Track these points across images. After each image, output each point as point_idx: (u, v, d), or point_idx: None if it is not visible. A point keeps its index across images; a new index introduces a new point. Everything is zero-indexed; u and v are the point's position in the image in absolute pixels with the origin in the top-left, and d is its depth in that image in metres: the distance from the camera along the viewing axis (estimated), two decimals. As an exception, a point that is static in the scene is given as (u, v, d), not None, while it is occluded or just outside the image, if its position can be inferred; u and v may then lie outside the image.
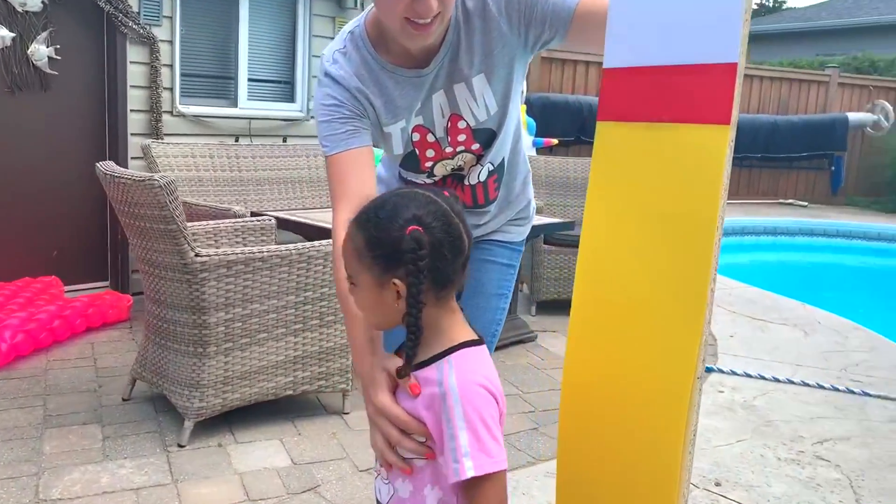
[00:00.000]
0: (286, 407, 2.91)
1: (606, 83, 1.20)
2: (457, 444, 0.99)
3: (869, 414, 3.20)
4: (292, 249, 2.68)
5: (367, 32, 1.42)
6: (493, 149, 1.54)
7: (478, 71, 1.43)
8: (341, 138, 1.38)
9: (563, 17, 1.36)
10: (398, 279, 1.02)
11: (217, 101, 4.72)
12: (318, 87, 1.43)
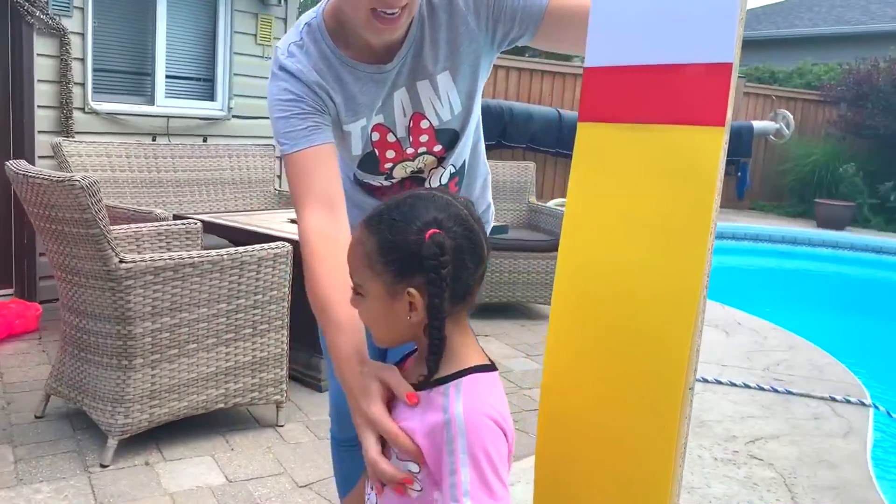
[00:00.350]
0: (216, 421, 2.76)
1: (588, 83, 1.15)
2: (457, 479, 0.89)
3: (794, 412, 3.30)
4: (224, 255, 2.54)
5: (325, 24, 1.33)
6: (455, 151, 1.48)
7: (443, 68, 1.36)
8: (302, 135, 1.28)
9: (534, 14, 1.31)
10: (413, 288, 0.93)
11: (133, 98, 4.48)
12: (272, 81, 1.32)
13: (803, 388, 3.58)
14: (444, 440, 0.91)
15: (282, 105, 1.29)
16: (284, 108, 1.29)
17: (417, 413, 0.95)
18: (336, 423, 1.66)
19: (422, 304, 0.94)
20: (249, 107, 4.96)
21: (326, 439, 2.70)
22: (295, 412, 2.92)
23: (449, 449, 0.90)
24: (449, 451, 0.90)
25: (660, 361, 1.06)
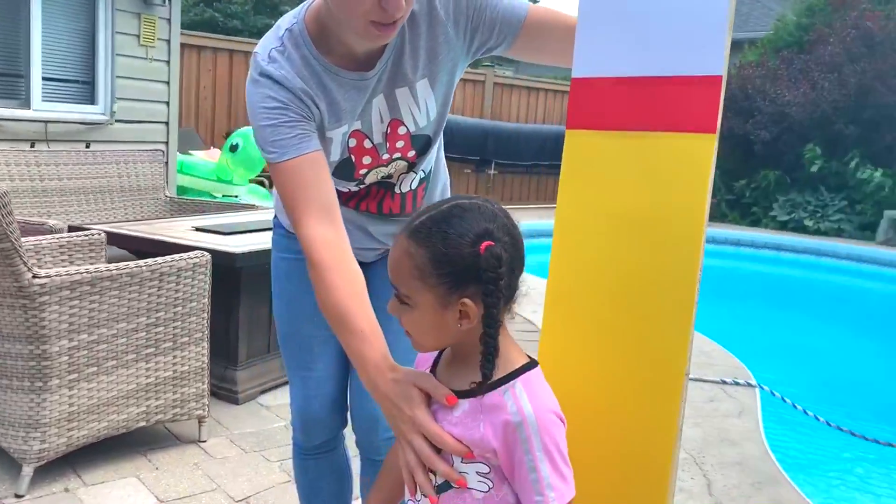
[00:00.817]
0: (135, 440, 2.63)
1: (576, 92, 1.21)
2: (539, 475, 0.94)
3: (692, 396, 3.54)
4: (143, 266, 2.43)
5: (308, 30, 1.32)
6: (427, 156, 1.51)
7: (422, 76, 1.38)
8: (292, 143, 1.26)
9: (513, 25, 1.36)
10: (468, 298, 0.95)
11: (6, 102, 4.17)
12: (254, 87, 1.30)
13: (696, 373, 3.84)
14: (517, 440, 0.94)
15: (267, 113, 1.27)
16: (270, 115, 1.27)
17: (477, 415, 0.98)
18: (302, 432, 1.64)
19: (475, 313, 0.96)
20: (134, 110, 4.74)
21: (253, 452, 2.65)
22: (215, 427, 2.83)
23: (525, 448, 0.94)
24: (525, 451, 0.94)
25: (659, 355, 1.13)
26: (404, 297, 1.00)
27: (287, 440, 2.75)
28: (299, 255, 1.59)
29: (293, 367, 1.63)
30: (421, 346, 1.05)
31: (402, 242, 0.99)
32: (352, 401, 1.61)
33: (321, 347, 1.60)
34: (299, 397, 1.62)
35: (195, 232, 3.30)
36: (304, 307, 1.60)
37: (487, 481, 0.99)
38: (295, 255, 1.61)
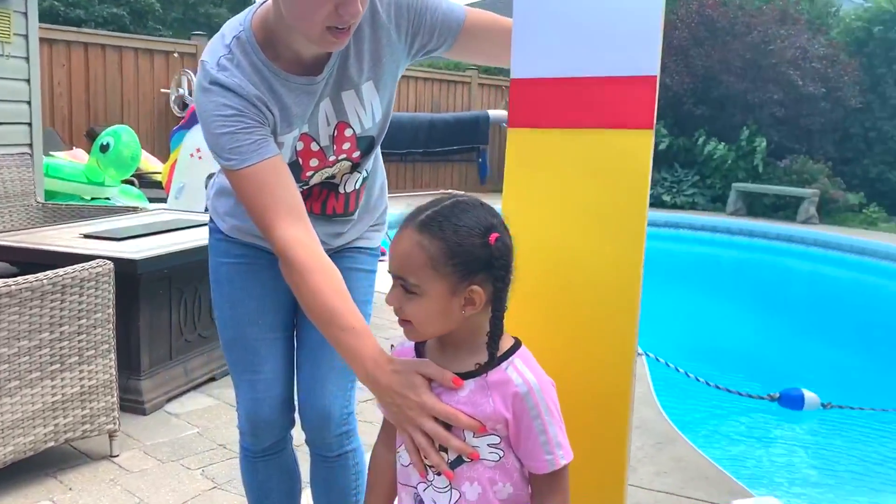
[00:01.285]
0: (42, 462, 2.50)
1: (516, 92, 1.30)
2: (548, 437, 1.06)
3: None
4: (44, 279, 2.31)
5: (255, 37, 1.33)
6: (371, 156, 1.55)
7: (367, 78, 1.42)
8: (252, 149, 1.28)
9: (452, 28, 1.42)
10: (477, 286, 1.03)
11: None
12: (206, 96, 1.30)
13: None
14: (525, 408, 1.05)
15: (223, 121, 1.27)
16: (226, 123, 1.27)
17: (484, 392, 1.06)
18: (251, 436, 1.65)
19: (481, 300, 1.05)
20: (-6, 112, 4.41)
21: (171, 462, 2.59)
22: (126, 440, 2.73)
23: (534, 414, 1.05)
24: (535, 416, 1.05)
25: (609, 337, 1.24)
26: (412, 286, 1.05)
27: (204, 447, 2.71)
28: (240, 259, 1.60)
29: (240, 371, 1.63)
30: (422, 334, 1.10)
31: (412, 235, 1.05)
32: (303, 399, 1.63)
33: (268, 349, 1.61)
34: (248, 401, 1.62)
35: (85, 239, 3.14)
36: (248, 310, 1.60)
37: (498, 451, 1.08)
38: (235, 259, 1.61)
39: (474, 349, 1.09)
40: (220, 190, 1.63)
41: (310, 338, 1.64)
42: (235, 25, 1.36)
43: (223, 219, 1.62)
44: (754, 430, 3.70)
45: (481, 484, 1.08)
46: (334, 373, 1.63)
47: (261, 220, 1.28)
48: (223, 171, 1.37)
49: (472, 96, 12.08)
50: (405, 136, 10.56)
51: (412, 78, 11.23)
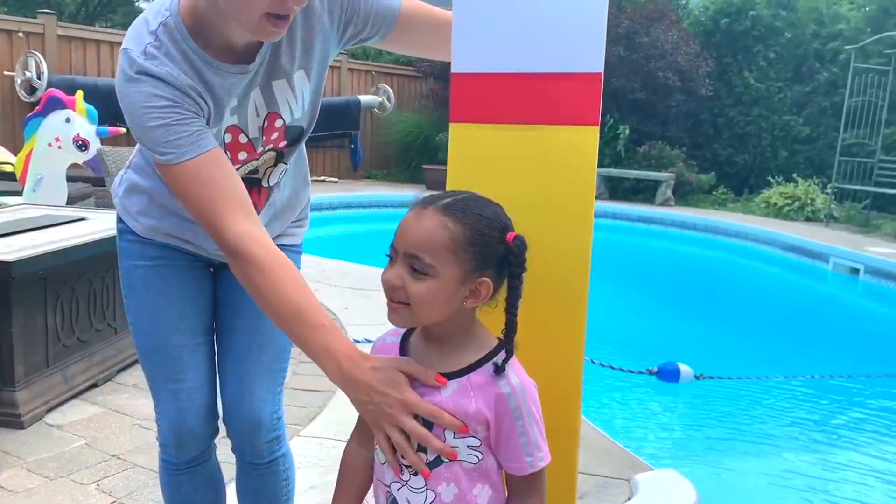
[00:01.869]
0: None
1: (457, 87, 1.28)
2: (528, 439, 1.05)
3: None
4: None
5: (183, 23, 1.24)
6: (297, 147, 1.49)
7: (298, 66, 1.37)
8: (190, 141, 1.20)
9: (387, 18, 1.39)
10: (487, 278, 1.04)
11: None
12: (133, 86, 1.20)
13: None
14: (508, 409, 1.04)
15: (157, 112, 1.18)
16: (161, 115, 1.18)
17: (467, 392, 1.05)
18: (175, 448, 1.55)
19: (488, 293, 1.05)
20: None
21: (61, 479, 2.42)
22: (5, 458, 2.51)
23: (516, 415, 1.04)
24: (516, 417, 1.04)
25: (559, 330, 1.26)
26: (426, 267, 1.02)
27: (95, 459, 2.54)
28: (157, 261, 1.50)
29: (160, 380, 1.53)
30: (417, 318, 1.06)
31: (436, 216, 1.03)
32: (230, 406, 1.56)
33: (191, 357, 1.52)
34: (171, 411, 1.52)
35: (-63, 240, 2.85)
36: (169, 316, 1.51)
37: (478, 453, 1.07)
38: (152, 262, 1.51)
39: (459, 346, 1.08)
40: (132, 187, 1.52)
41: (235, 342, 1.57)
42: (160, 10, 1.26)
43: (136, 219, 1.51)
44: (639, 405, 3.90)
45: (458, 485, 1.07)
46: (262, 377, 1.57)
47: (207, 217, 1.20)
48: (157, 167, 1.26)
49: (342, 82, 11.91)
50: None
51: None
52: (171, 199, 1.45)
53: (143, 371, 1.56)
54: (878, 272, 6.94)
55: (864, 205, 9.72)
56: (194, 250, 1.52)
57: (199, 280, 1.56)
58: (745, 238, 8.76)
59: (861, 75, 9.67)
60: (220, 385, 1.58)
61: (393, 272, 1.05)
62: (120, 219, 1.55)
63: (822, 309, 6.82)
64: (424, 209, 1.05)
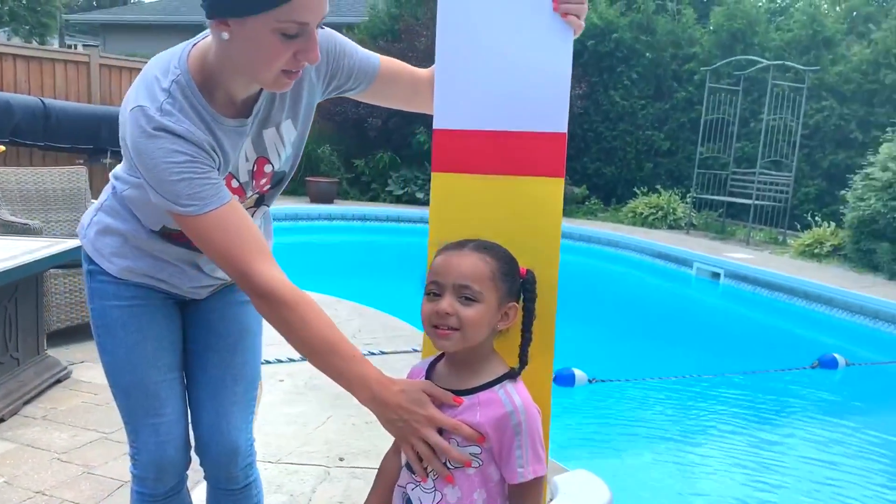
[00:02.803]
0: None
1: (438, 141, 1.43)
2: (523, 452, 1.22)
3: (396, 367, 3.94)
4: None
5: (194, 81, 1.32)
6: (279, 189, 1.57)
7: (287, 116, 1.46)
8: (211, 193, 1.28)
9: (369, 74, 1.51)
10: (515, 303, 1.27)
11: None
12: (153, 142, 1.26)
13: (387, 347, 4.27)
14: (509, 425, 1.20)
15: (178, 167, 1.26)
16: (182, 170, 1.26)
17: (474, 408, 1.22)
18: (154, 480, 1.60)
19: (515, 316, 1.25)
20: None
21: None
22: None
23: (516, 431, 1.21)
24: (516, 433, 1.21)
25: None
26: (476, 293, 1.21)
27: (19, 497, 2.48)
28: (133, 301, 1.55)
29: (140, 416, 1.57)
30: (468, 339, 1.23)
31: (474, 253, 1.25)
32: (206, 437, 1.62)
33: (168, 391, 1.58)
34: (151, 444, 1.57)
35: None
36: (146, 354, 1.56)
37: (478, 460, 1.24)
38: (128, 302, 1.56)
39: (478, 371, 1.26)
40: (104, 229, 1.55)
41: (208, 375, 1.64)
42: (169, 67, 1.32)
43: (110, 260, 1.55)
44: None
45: (461, 488, 1.24)
46: (237, 407, 1.65)
47: (232, 263, 1.28)
48: (177, 218, 1.31)
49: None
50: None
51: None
52: (146, 241, 1.51)
53: (119, 408, 1.60)
54: (737, 276, 7.63)
55: (719, 213, 10.59)
56: (168, 288, 1.58)
57: (172, 317, 1.61)
58: (616, 246, 9.34)
59: (714, 94, 10.56)
60: (193, 417, 1.64)
61: (445, 303, 1.21)
62: (90, 259, 1.58)
63: (689, 311, 7.42)
64: (461, 250, 1.25)
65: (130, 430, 1.59)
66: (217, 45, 1.29)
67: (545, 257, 1.40)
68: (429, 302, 1.25)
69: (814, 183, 10.42)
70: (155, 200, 1.31)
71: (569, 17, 1.35)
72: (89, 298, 1.59)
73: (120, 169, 1.53)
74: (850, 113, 10.19)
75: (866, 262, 7.59)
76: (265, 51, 1.24)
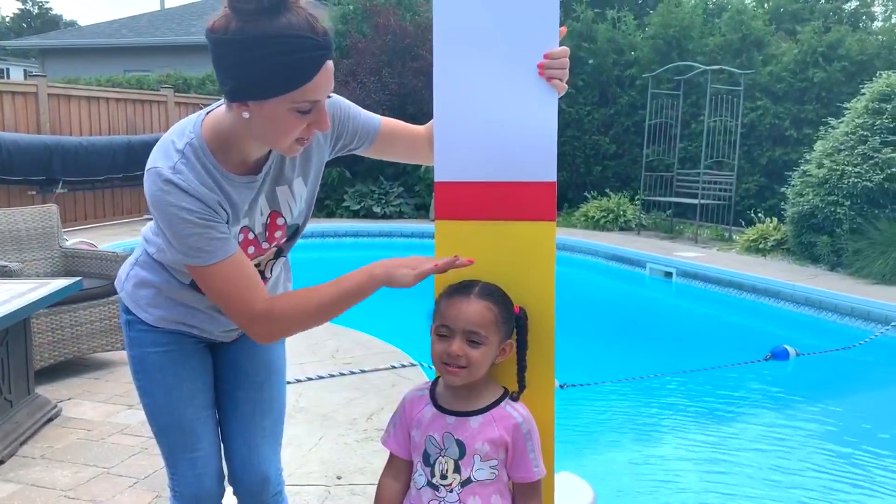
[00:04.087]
0: None
1: (440, 192, 1.61)
2: (535, 454, 1.46)
3: (375, 384, 4.11)
4: None
5: (208, 144, 1.48)
6: (294, 241, 1.74)
7: (298, 174, 1.63)
8: (220, 245, 1.45)
9: (371, 134, 1.70)
10: (511, 340, 1.50)
11: None
12: (168, 197, 1.41)
13: (365, 365, 4.42)
14: (521, 434, 1.44)
15: (189, 224, 1.42)
16: (193, 226, 1.43)
17: (491, 424, 1.44)
18: None
19: (510, 352, 1.46)
20: None
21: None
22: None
23: (527, 437, 1.45)
24: (527, 440, 1.45)
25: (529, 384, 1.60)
26: (483, 338, 1.43)
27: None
28: (167, 347, 1.71)
29: (178, 452, 1.71)
30: (472, 375, 1.44)
31: (480, 301, 1.45)
32: (239, 467, 1.77)
33: (203, 428, 1.73)
34: (190, 477, 1.72)
35: None
36: (182, 394, 1.71)
37: (496, 471, 1.45)
38: (165, 348, 1.71)
39: (478, 392, 1.48)
40: (140, 282, 1.70)
41: (239, 411, 1.79)
42: (184, 132, 1.49)
43: (146, 310, 1.70)
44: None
45: (483, 498, 1.44)
46: (267, 440, 1.80)
47: (232, 307, 1.48)
48: (188, 267, 1.50)
49: (169, 116, 11.62)
50: (103, 162, 9.89)
51: (104, 99, 10.51)
52: (179, 291, 1.67)
53: (160, 445, 1.75)
54: (688, 274, 7.98)
55: (667, 213, 11.00)
56: (199, 333, 1.73)
57: (204, 360, 1.77)
58: (571, 250, 9.63)
59: (657, 99, 10.97)
60: (226, 450, 1.79)
61: (455, 346, 1.42)
62: (128, 310, 1.73)
63: (645, 311, 7.73)
64: (468, 297, 1.45)
65: (170, 465, 1.74)
66: (236, 120, 1.44)
67: (541, 293, 1.59)
68: (439, 342, 1.45)
69: (753, 179, 10.89)
70: (170, 254, 1.50)
71: (553, 80, 1.55)
72: (128, 346, 1.74)
73: (149, 230, 1.69)
74: (783, 111, 10.69)
75: (808, 255, 8.01)
76: (283, 126, 1.40)
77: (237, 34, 1.32)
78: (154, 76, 15.02)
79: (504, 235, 1.60)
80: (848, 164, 7.56)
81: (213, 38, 1.35)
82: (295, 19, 1.32)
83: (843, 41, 10.37)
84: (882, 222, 7.21)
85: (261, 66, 1.32)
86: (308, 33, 1.33)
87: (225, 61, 1.36)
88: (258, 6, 1.30)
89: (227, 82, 1.38)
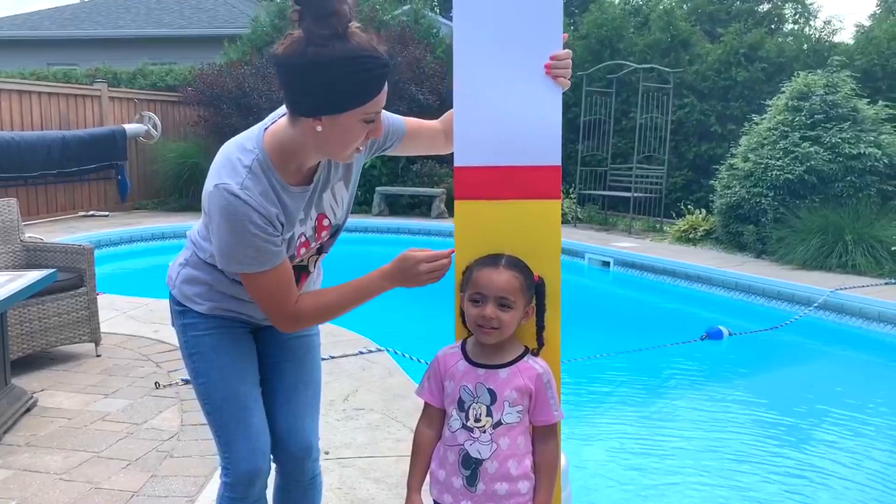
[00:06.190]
0: None
1: (459, 175, 1.82)
2: (555, 401, 1.68)
3: (347, 369, 4.27)
4: None
5: (271, 160, 1.64)
6: (335, 239, 1.91)
7: (339, 179, 1.82)
8: (274, 254, 1.65)
9: (398, 134, 1.92)
10: (533, 304, 1.72)
11: None
12: (235, 212, 1.58)
13: (335, 352, 4.57)
14: (542, 382, 1.67)
15: (253, 236, 1.61)
16: (257, 239, 1.61)
17: (517, 375, 1.66)
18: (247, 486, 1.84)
19: (531, 314, 1.69)
20: None
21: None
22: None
23: (548, 385, 1.69)
24: (547, 387, 1.68)
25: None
26: (511, 303, 1.65)
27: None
28: (219, 330, 1.88)
29: (233, 426, 1.83)
30: (503, 335, 1.67)
31: (508, 271, 1.67)
32: (285, 436, 1.91)
33: (255, 402, 1.87)
34: (247, 451, 1.82)
35: None
36: (234, 372, 1.86)
37: (521, 415, 1.67)
38: (216, 331, 1.87)
39: (504, 348, 1.69)
40: (191, 279, 1.87)
41: (284, 379, 1.95)
42: (249, 148, 1.64)
43: (196, 302, 1.86)
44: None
45: (511, 438, 1.66)
46: (309, 409, 1.97)
47: (268, 307, 1.70)
48: (239, 272, 1.70)
49: (103, 110, 11.41)
50: (36, 158, 9.69)
51: (35, 93, 10.25)
52: (229, 286, 1.83)
53: (212, 424, 1.87)
54: (625, 263, 8.39)
55: (601, 206, 11.44)
56: (247, 319, 1.90)
57: (250, 342, 1.93)
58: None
59: (590, 97, 11.39)
60: (271, 421, 1.92)
61: (489, 309, 1.64)
62: (179, 303, 1.89)
63: (585, 298, 8.08)
64: (497, 267, 1.67)
65: (223, 441, 1.85)
66: (303, 133, 1.61)
67: (549, 262, 1.81)
68: (474, 307, 1.67)
69: (681, 173, 11.42)
70: (221, 262, 1.69)
71: (558, 78, 1.77)
72: (181, 332, 1.88)
73: (198, 234, 1.85)
74: (709, 108, 11.25)
75: (735, 244, 8.52)
76: (352, 135, 1.60)
77: (316, 57, 1.50)
78: (82, 70, 14.63)
79: (516, 212, 1.82)
80: (771, 158, 8.08)
81: (287, 63, 1.53)
82: (361, 41, 1.52)
83: (763, 44, 11.00)
84: (803, 212, 7.75)
85: (340, 83, 1.51)
86: (374, 53, 1.54)
87: (303, 81, 1.54)
88: (333, 32, 1.48)
89: (306, 100, 1.56)
